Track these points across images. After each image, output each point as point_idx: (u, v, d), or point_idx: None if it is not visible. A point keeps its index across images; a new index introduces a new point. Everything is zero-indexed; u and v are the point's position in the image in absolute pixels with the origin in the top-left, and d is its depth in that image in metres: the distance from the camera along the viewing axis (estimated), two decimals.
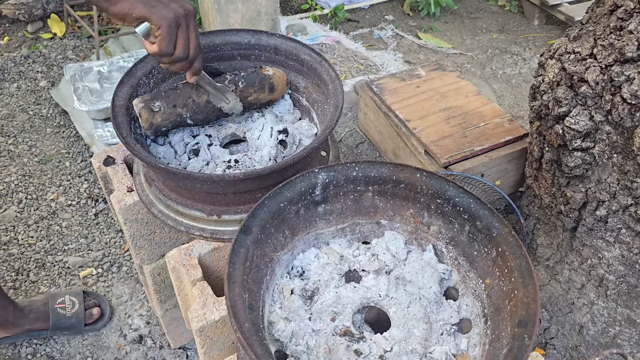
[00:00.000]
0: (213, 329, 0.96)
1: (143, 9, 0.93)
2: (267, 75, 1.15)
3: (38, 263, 1.96)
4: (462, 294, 0.94)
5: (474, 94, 1.79)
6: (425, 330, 0.88)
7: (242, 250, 0.83)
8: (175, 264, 1.04)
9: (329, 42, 2.91)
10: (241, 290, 0.79)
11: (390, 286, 0.94)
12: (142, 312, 1.82)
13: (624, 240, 1.29)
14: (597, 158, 1.24)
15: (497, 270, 0.86)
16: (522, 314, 0.77)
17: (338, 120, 1.02)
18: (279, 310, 0.90)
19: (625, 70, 1.10)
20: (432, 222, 0.96)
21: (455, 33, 3.64)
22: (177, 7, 0.96)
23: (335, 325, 0.89)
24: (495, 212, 0.88)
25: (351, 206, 0.99)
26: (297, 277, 0.96)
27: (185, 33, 0.97)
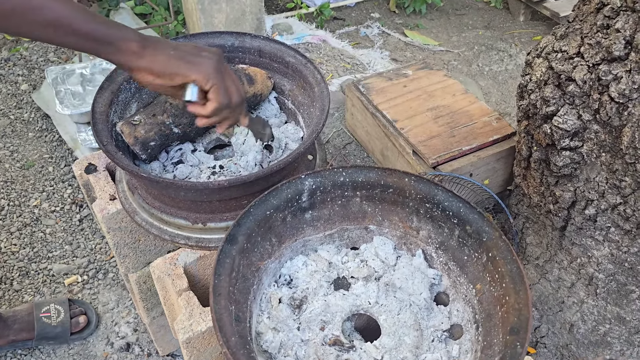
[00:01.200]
0: (200, 340, 0.94)
1: (183, 67, 0.85)
2: (241, 67, 1.13)
3: (22, 271, 1.92)
4: (452, 300, 0.93)
5: (461, 93, 1.77)
6: (416, 337, 0.87)
7: (228, 260, 0.81)
8: (160, 273, 1.01)
9: (315, 41, 2.88)
10: (227, 302, 0.77)
11: (380, 293, 0.92)
12: (129, 320, 1.79)
13: (613, 239, 1.29)
14: (586, 157, 1.24)
15: (487, 275, 0.85)
16: (514, 320, 0.75)
17: (325, 124, 1.00)
18: (267, 320, 0.88)
19: (612, 69, 1.09)
20: (422, 227, 0.95)
21: (442, 30, 3.63)
22: (209, 55, 0.88)
23: (325, 335, 0.87)
24: (485, 217, 0.87)
25: (339, 212, 0.97)
26: (285, 286, 0.94)
27: (230, 77, 0.91)
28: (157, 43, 0.87)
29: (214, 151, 1.19)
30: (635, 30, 1.05)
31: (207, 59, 0.88)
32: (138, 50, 0.83)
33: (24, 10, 0.76)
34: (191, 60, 0.86)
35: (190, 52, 0.88)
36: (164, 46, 0.87)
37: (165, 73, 0.85)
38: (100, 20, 0.83)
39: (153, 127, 1.06)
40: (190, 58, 0.86)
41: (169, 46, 0.88)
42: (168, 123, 1.08)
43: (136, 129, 1.05)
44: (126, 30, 0.85)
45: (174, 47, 0.88)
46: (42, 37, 0.81)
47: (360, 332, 0.93)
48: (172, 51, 0.86)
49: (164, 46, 0.87)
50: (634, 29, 1.05)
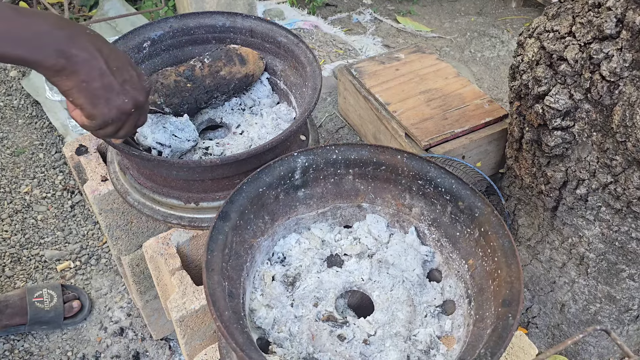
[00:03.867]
0: (193, 318, 0.94)
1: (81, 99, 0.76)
2: (233, 48, 1.12)
3: (13, 257, 1.91)
4: (445, 276, 0.93)
5: (454, 76, 1.77)
6: (409, 312, 0.87)
7: (221, 237, 0.81)
8: (153, 253, 1.01)
9: (307, 27, 2.87)
10: (220, 278, 0.77)
11: (373, 269, 0.92)
12: (122, 304, 1.78)
13: (603, 218, 1.30)
14: (577, 137, 1.24)
15: (480, 250, 0.85)
16: (506, 293, 0.76)
17: (317, 103, 1.00)
18: (260, 297, 0.88)
19: (604, 47, 1.10)
20: (414, 204, 0.95)
21: (434, 16, 3.62)
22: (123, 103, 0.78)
23: (318, 311, 0.87)
24: (478, 192, 0.87)
25: (332, 190, 0.97)
26: (278, 264, 0.94)
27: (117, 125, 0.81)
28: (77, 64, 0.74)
29: (207, 131, 1.19)
30: (626, 8, 1.05)
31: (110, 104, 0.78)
32: (54, 73, 0.74)
33: None
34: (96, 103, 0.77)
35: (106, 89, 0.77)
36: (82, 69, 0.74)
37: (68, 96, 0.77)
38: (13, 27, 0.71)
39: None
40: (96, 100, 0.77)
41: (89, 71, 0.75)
42: (159, 103, 1.07)
43: None
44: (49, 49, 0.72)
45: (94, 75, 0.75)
46: None
47: (353, 309, 0.94)
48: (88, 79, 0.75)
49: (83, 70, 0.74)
50: (625, 6, 1.05)
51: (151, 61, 1.17)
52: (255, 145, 1.08)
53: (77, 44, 0.74)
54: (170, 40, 1.18)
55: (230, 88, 1.15)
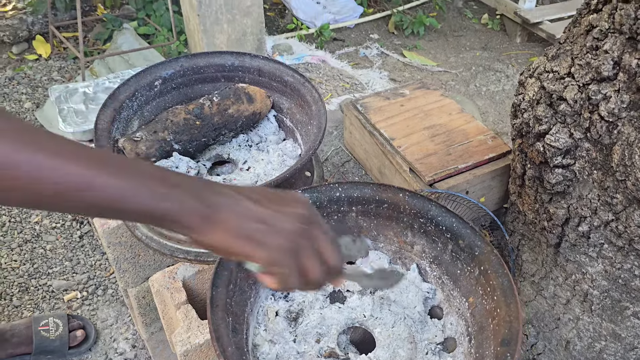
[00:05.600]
0: (197, 352, 0.96)
1: (247, 248, 0.64)
2: (241, 86, 1.16)
3: (21, 287, 1.93)
4: (446, 313, 0.94)
5: (458, 112, 1.81)
6: (410, 350, 0.88)
7: (226, 272, 0.83)
8: (159, 287, 1.03)
9: (314, 61, 2.93)
10: (224, 314, 0.79)
11: (375, 306, 0.94)
12: (127, 336, 1.79)
13: (606, 256, 1.30)
14: (578, 174, 1.26)
15: (480, 288, 0.87)
16: (505, 332, 0.77)
17: (321, 142, 1.03)
18: (264, 332, 0.90)
19: (602, 88, 1.12)
20: (416, 242, 0.97)
21: (440, 51, 3.68)
22: (290, 223, 0.67)
23: (320, 347, 0.88)
24: (478, 231, 0.89)
25: (335, 227, 0.99)
26: (282, 299, 0.96)
27: (313, 253, 0.68)
28: (222, 210, 0.65)
29: (215, 167, 1.22)
30: (622, 52, 1.08)
31: (280, 235, 0.66)
32: (199, 225, 0.63)
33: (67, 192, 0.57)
34: (259, 239, 0.65)
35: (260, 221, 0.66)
36: (229, 214, 0.65)
37: (226, 252, 0.65)
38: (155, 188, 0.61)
39: (154, 144, 1.09)
40: (259, 235, 0.65)
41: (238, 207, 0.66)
42: (169, 140, 1.10)
43: (137, 145, 1.07)
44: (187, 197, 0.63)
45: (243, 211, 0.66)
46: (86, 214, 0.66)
47: (355, 346, 0.94)
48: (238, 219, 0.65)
49: (230, 214, 0.65)
50: (621, 50, 1.08)
51: (162, 98, 1.21)
52: (261, 181, 1.10)
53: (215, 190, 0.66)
54: (180, 78, 1.22)
55: (237, 125, 1.18)
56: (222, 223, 0.64)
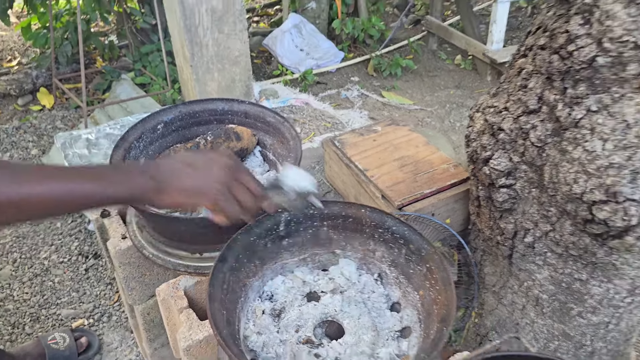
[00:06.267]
0: (198, 347, 1.14)
1: (193, 199, 0.92)
2: (230, 127, 1.38)
3: (33, 317, 2.10)
4: (403, 307, 1.14)
5: (424, 144, 2.04)
6: (373, 336, 1.07)
7: (220, 275, 1.03)
8: (164, 296, 1.22)
9: (298, 104, 3.18)
10: (220, 306, 0.98)
11: (344, 303, 1.13)
12: (131, 357, 1.95)
13: (550, 262, 1.51)
14: (520, 193, 1.48)
15: (427, 282, 1.07)
16: (444, 313, 0.97)
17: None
18: (252, 326, 1.09)
19: (530, 119, 1.35)
20: (377, 249, 1.17)
21: (416, 90, 3.96)
22: (216, 173, 0.93)
23: (299, 336, 1.07)
24: (424, 237, 1.10)
25: (310, 239, 1.20)
26: (267, 300, 1.15)
27: (240, 187, 0.96)
28: (167, 180, 0.91)
29: None
30: (543, 89, 1.32)
31: (212, 182, 0.93)
32: (154, 195, 0.90)
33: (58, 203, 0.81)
34: (198, 191, 0.92)
35: (196, 178, 0.93)
36: (170, 177, 0.91)
37: (180, 206, 0.94)
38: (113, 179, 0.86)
39: None
40: (195, 187, 0.92)
41: (177, 174, 0.92)
42: None
43: None
44: (138, 178, 0.89)
45: (182, 175, 0.92)
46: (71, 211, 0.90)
47: (328, 336, 1.13)
48: (180, 182, 0.91)
49: (171, 177, 0.91)
50: (542, 87, 1.32)
51: (164, 139, 1.42)
52: None
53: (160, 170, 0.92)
54: (179, 122, 1.44)
55: None
56: (171, 190, 0.91)
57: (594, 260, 1.40)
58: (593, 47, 1.15)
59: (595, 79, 1.18)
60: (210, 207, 0.95)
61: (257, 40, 4.29)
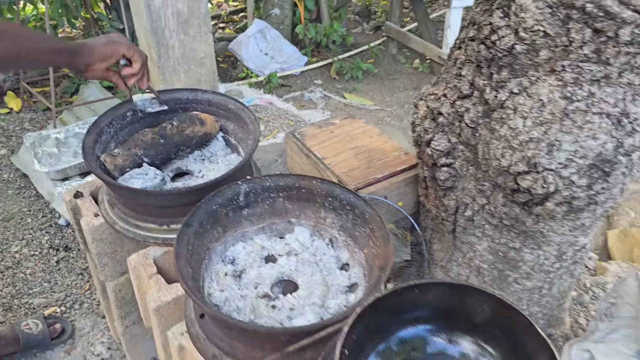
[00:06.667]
0: (166, 308, 1.26)
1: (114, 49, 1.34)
2: (195, 114, 1.51)
3: (5, 306, 2.16)
4: (352, 267, 1.28)
5: (378, 135, 2.19)
6: (324, 291, 1.21)
7: (186, 237, 1.15)
8: (135, 264, 1.34)
9: (262, 103, 3.31)
10: (186, 263, 1.11)
11: (298, 264, 1.27)
12: (103, 340, 2.04)
13: (487, 234, 1.67)
14: (459, 171, 1.64)
15: (370, 241, 1.21)
16: (382, 263, 1.11)
17: (255, 148, 1.38)
18: (216, 285, 1.21)
19: (464, 103, 1.52)
20: (327, 216, 1.31)
21: (377, 92, 4.14)
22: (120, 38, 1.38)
23: (258, 292, 1.20)
24: (367, 202, 1.24)
25: (268, 209, 1.33)
26: (230, 264, 1.28)
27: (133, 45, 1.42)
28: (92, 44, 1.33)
29: (176, 178, 1.55)
30: (474, 75, 1.48)
31: (121, 40, 1.38)
32: (89, 51, 1.31)
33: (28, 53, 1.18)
34: (115, 44, 1.35)
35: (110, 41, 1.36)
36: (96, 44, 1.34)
37: (107, 57, 1.33)
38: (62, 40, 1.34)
39: (128, 158, 1.42)
40: (113, 44, 1.35)
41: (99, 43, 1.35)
42: (140, 154, 1.43)
43: (115, 159, 1.40)
44: (75, 43, 1.31)
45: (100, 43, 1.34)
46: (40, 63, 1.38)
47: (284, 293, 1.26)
48: (103, 46, 1.34)
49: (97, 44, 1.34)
50: (473, 74, 1.49)
51: (133, 126, 1.54)
52: None
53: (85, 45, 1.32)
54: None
55: (193, 143, 1.52)
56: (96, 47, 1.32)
57: (524, 229, 1.57)
58: (512, 36, 1.32)
59: (515, 64, 1.35)
60: (126, 51, 1.34)
61: (223, 46, 4.41)
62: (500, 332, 0.90)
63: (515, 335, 0.87)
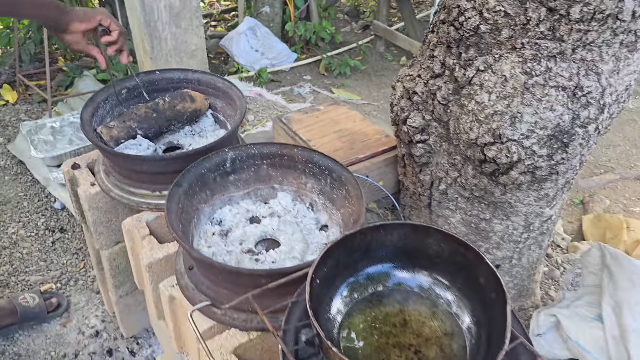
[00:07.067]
0: (158, 265, 1.36)
1: (93, 14, 1.44)
2: (186, 91, 1.62)
3: (2, 283, 2.25)
4: (330, 227, 1.39)
5: (360, 120, 2.31)
6: (304, 247, 1.32)
7: (176, 196, 1.26)
8: (129, 227, 1.44)
9: (252, 95, 3.42)
10: (176, 217, 1.21)
11: (280, 224, 1.37)
12: (97, 314, 2.14)
13: (460, 207, 1.79)
14: (433, 147, 1.76)
15: (346, 202, 1.32)
16: (355, 217, 1.22)
17: (242, 120, 1.49)
18: (204, 242, 1.32)
19: (436, 82, 1.64)
20: (308, 181, 1.42)
21: (364, 88, 4.26)
22: (101, 9, 1.49)
23: (242, 248, 1.31)
24: (344, 166, 1.35)
25: (253, 176, 1.44)
26: (217, 225, 1.38)
27: None
28: (74, 8, 1.45)
29: (167, 151, 1.65)
30: (445, 56, 1.60)
31: (100, 10, 1.48)
32: (70, 11, 1.40)
33: None
34: (93, 11, 1.45)
35: (90, 10, 1.46)
36: (77, 9, 1.44)
37: (84, 19, 1.41)
38: (51, 12, 1.39)
39: (123, 130, 1.52)
40: (92, 11, 1.45)
41: (80, 9, 1.45)
42: (134, 127, 1.53)
43: (111, 130, 1.50)
44: (63, 15, 1.41)
45: (81, 9, 1.46)
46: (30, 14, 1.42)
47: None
48: (82, 11, 1.44)
49: (78, 9, 1.44)
50: (444, 55, 1.60)
51: (127, 102, 1.64)
52: None
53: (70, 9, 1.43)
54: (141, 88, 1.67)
55: (184, 119, 1.63)
56: (71, 17, 1.40)
57: (493, 199, 1.69)
58: (477, 17, 1.44)
59: (481, 43, 1.47)
60: (104, 19, 1.44)
61: (214, 43, 4.52)
62: (455, 267, 1.01)
63: (468, 269, 0.98)
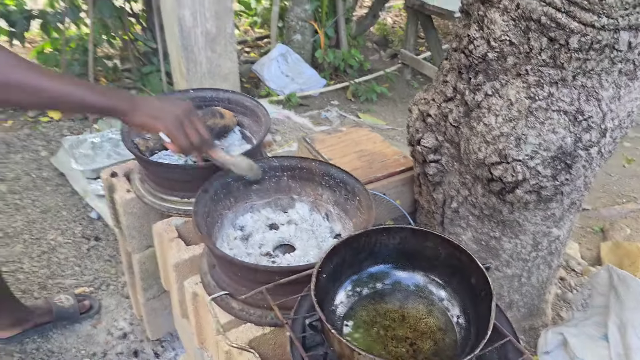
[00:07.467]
0: (184, 265, 1.48)
1: (152, 122, 1.27)
2: (216, 108, 1.76)
3: (40, 285, 2.41)
4: (343, 235, 1.50)
5: (380, 141, 2.42)
6: (318, 252, 1.42)
7: (203, 201, 1.39)
8: (159, 230, 1.57)
9: (280, 117, 3.58)
10: (202, 219, 1.34)
11: (297, 231, 1.49)
12: (126, 317, 2.27)
13: (471, 224, 1.87)
14: (445, 166, 1.85)
15: (358, 212, 1.43)
16: (365, 225, 1.33)
17: (265, 136, 1.62)
18: (226, 245, 1.44)
19: (448, 105, 1.74)
20: (324, 193, 1.54)
21: (390, 114, 4.38)
22: (175, 110, 1.29)
23: (261, 251, 1.42)
24: (357, 179, 1.46)
25: (273, 186, 1.56)
26: (239, 230, 1.51)
27: (190, 125, 1.32)
28: (139, 103, 1.26)
29: None
30: (456, 81, 1.71)
31: (170, 114, 1.28)
32: (128, 111, 1.24)
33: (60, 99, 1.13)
34: (158, 116, 1.27)
35: (160, 109, 1.27)
36: (144, 105, 1.27)
37: (144, 127, 1.30)
38: (99, 91, 1.20)
39: (158, 142, 1.67)
40: (158, 114, 1.27)
41: (149, 104, 1.28)
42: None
43: (147, 142, 1.65)
44: (118, 96, 1.24)
45: (152, 105, 1.28)
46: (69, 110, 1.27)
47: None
48: (149, 109, 1.27)
49: (144, 105, 1.27)
50: (456, 80, 1.71)
51: None
52: None
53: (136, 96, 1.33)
54: None
55: (213, 133, 1.77)
56: (140, 112, 1.26)
57: (502, 218, 1.77)
58: (485, 45, 1.55)
59: (489, 70, 1.58)
60: (166, 132, 1.29)
61: (247, 67, 4.73)
62: (450, 269, 1.10)
63: (462, 271, 1.08)
